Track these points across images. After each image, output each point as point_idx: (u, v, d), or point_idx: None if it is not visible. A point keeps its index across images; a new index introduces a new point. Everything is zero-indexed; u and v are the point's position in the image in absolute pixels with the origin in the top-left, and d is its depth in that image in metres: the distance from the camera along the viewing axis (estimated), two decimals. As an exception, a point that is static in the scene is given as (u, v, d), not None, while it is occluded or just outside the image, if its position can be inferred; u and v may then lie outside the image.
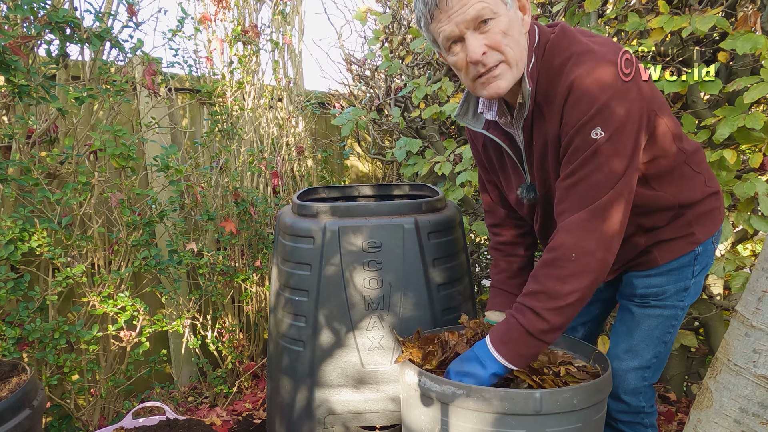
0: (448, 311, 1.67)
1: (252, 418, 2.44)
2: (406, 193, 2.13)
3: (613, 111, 1.07)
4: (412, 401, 1.28)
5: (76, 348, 1.95)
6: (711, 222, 1.34)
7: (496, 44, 1.09)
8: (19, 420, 1.33)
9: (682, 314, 1.37)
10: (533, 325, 1.14)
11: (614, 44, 1.15)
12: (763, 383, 1.00)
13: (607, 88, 1.07)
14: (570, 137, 1.12)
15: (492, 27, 1.08)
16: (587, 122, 1.08)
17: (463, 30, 1.09)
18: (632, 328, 1.38)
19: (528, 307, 1.15)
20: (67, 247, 1.93)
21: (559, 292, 1.12)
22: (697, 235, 1.31)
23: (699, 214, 1.31)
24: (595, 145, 1.08)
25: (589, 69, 1.08)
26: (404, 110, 3.16)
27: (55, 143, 2.03)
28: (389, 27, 3.13)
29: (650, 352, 1.37)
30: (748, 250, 2.59)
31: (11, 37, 1.62)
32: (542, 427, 1.13)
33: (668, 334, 1.37)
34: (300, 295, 1.65)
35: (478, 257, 2.99)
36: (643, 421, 1.44)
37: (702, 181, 1.31)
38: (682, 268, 1.33)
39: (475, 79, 1.15)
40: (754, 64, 1.95)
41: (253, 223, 2.69)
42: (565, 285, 1.11)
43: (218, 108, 2.58)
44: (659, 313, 1.35)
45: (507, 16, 1.09)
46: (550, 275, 1.13)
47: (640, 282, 1.36)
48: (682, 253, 1.31)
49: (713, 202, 1.34)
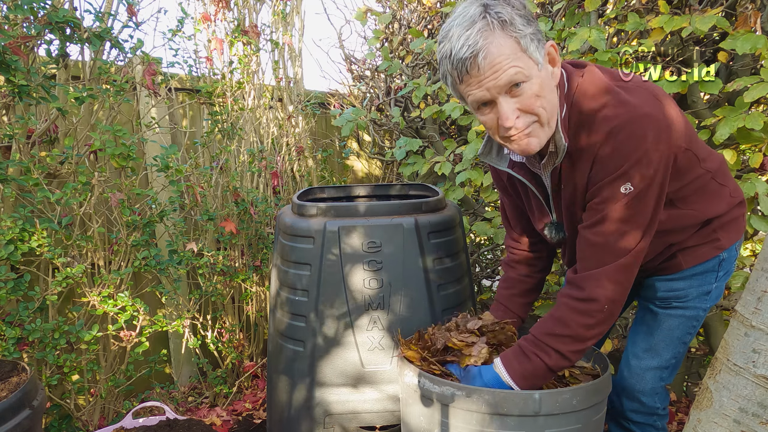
0: (448, 311, 1.67)
1: (252, 418, 2.44)
2: (406, 193, 2.13)
3: (643, 168, 1.06)
4: (411, 402, 1.28)
5: (76, 348, 1.95)
6: (735, 228, 1.34)
7: (529, 108, 1.06)
8: (19, 420, 1.33)
9: (703, 315, 1.37)
10: (558, 364, 1.19)
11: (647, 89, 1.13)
12: (763, 383, 1.00)
13: (639, 143, 1.05)
14: (599, 188, 1.12)
15: (525, 90, 1.05)
16: (618, 177, 1.08)
17: (495, 95, 1.05)
18: (653, 327, 1.38)
19: (554, 349, 1.18)
20: (67, 247, 1.93)
21: (585, 337, 1.18)
22: (722, 241, 1.31)
23: (725, 222, 1.31)
24: (624, 200, 1.09)
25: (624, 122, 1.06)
26: (404, 110, 3.16)
27: (55, 143, 2.03)
28: (389, 27, 3.13)
29: (670, 352, 1.37)
30: (748, 250, 2.58)
31: (11, 37, 1.62)
32: (541, 428, 1.14)
33: (688, 335, 1.37)
34: (300, 294, 1.65)
35: (478, 257, 2.99)
36: (655, 423, 1.44)
37: (727, 193, 1.31)
38: (706, 273, 1.33)
39: (506, 138, 1.12)
40: (754, 64, 1.95)
41: (253, 223, 2.69)
42: (592, 330, 1.17)
43: (218, 108, 2.58)
44: (681, 313, 1.35)
45: (539, 77, 1.06)
46: (581, 323, 1.17)
47: (662, 285, 1.36)
48: (707, 258, 1.31)
49: (738, 210, 1.34)
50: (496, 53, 1.01)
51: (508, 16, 1.01)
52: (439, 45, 1.08)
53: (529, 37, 1.03)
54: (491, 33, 1.01)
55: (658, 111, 1.08)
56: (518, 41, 1.02)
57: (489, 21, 1.01)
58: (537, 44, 1.05)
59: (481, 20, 1.01)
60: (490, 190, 2.52)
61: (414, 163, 2.70)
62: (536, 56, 1.05)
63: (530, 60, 1.04)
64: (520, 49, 1.02)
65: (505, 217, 1.53)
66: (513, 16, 1.02)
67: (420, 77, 2.67)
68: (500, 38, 1.01)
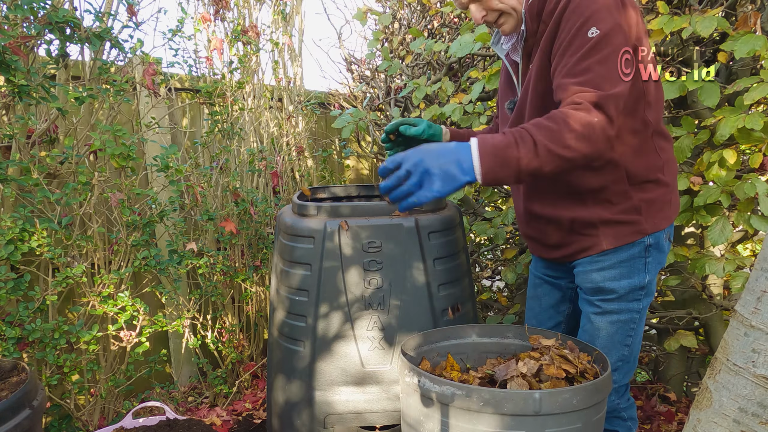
0: (448, 311, 1.67)
1: (252, 418, 2.44)
2: (406, 193, 2.13)
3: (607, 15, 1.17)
4: (411, 401, 1.28)
5: (76, 348, 1.95)
6: (660, 214, 1.36)
7: (491, 6, 1.33)
8: (19, 420, 1.33)
9: (640, 317, 1.41)
10: (526, 157, 1.10)
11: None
12: (763, 383, 1.00)
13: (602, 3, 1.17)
14: (568, 40, 1.20)
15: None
16: (583, 24, 1.18)
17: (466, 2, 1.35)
18: (593, 335, 1.43)
19: (530, 134, 1.11)
20: (67, 247, 1.93)
21: (565, 141, 1.10)
22: (644, 225, 1.34)
23: (647, 199, 1.33)
24: (592, 42, 1.17)
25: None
26: (404, 110, 3.16)
27: (55, 143, 2.03)
28: (389, 27, 3.14)
29: (614, 356, 1.42)
30: (748, 250, 2.58)
31: (11, 37, 1.62)
32: (542, 428, 1.13)
33: (629, 337, 1.41)
34: (300, 294, 1.65)
35: (478, 257, 2.99)
36: (620, 414, 1.51)
37: (659, 166, 1.34)
38: (633, 260, 1.36)
39: (489, 26, 1.43)
40: (754, 65, 1.95)
41: (253, 223, 2.69)
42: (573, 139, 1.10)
43: (218, 108, 2.58)
44: (617, 318, 1.39)
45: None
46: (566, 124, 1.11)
47: (594, 276, 1.39)
48: (628, 242, 1.34)
49: (665, 193, 1.36)
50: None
51: None
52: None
53: None
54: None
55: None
56: None
57: None
58: None
59: None
60: (491, 189, 2.52)
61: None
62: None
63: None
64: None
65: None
66: None
67: (420, 77, 2.67)
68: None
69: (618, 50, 1.17)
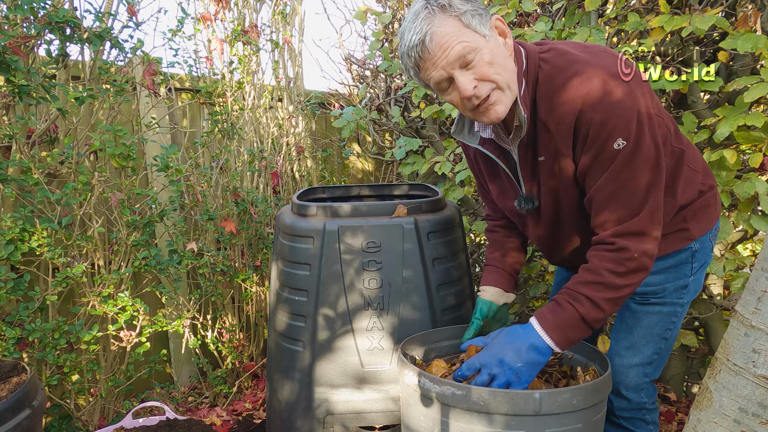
0: (448, 311, 1.67)
1: (252, 418, 2.44)
2: (406, 193, 2.13)
3: (628, 121, 1.10)
4: (411, 402, 1.28)
5: (76, 348, 1.95)
6: (706, 218, 1.34)
7: (484, 76, 1.13)
8: (19, 420, 1.33)
9: (683, 311, 1.38)
10: (590, 314, 1.18)
11: (609, 51, 1.19)
12: (763, 383, 1.00)
13: (615, 102, 1.10)
14: (593, 153, 1.15)
15: (476, 61, 1.12)
16: (607, 139, 1.12)
17: (450, 72, 1.13)
18: (632, 325, 1.39)
19: (586, 296, 1.18)
20: (67, 247, 1.93)
21: (617, 285, 1.17)
22: (692, 231, 1.32)
23: (695, 210, 1.32)
24: (621, 156, 1.12)
25: (595, 86, 1.11)
26: (404, 110, 3.16)
27: (55, 143, 2.03)
28: (389, 27, 3.13)
29: (651, 349, 1.38)
30: (748, 250, 2.58)
31: (11, 37, 1.62)
32: (542, 428, 1.13)
33: (668, 330, 1.38)
34: (300, 295, 1.65)
35: (478, 257, 2.99)
36: (644, 417, 1.45)
37: (699, 179, 1.32)
38: (680, 265, 1.34)
39: (473, 110, 1.18)
40: (754, 65, 1.95)
41: (253, 223, 2.69)
42: (623, 279, 1.17)
43: (218, 108, 2.58)
44: (659, 309, 1.36)
45: (488, 47, 1.13)
46: (610, 269, 1.17)
47: None
48: (676, 249, 1.32)
49: (709, 198, 1.35)
50: (441, 34, 1.10)
51: (446, 0, 1.11)
52: (399, 47, 1.18)
53: (469, 14, 1.11)
54: (433, 17, 1.10)
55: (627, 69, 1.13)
56: (459, 19, 1.11)
57: (429, 9, 1.11)
58: (480, 18, 1.13)
59: (423, 11, 1.11)
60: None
61: (414, 163, 2.70)
62: (481, 29, 1.12)
63: (475, 33, 1.12)
64: (462, 25, 1.11)
65: (481, 189, 1.59)
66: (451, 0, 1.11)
67: (420, 77, 2.67)
68: (442, 20, 1.10)
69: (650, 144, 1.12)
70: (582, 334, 1.21)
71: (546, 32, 2.09)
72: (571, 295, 1.21)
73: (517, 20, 2.66)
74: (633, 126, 1.10)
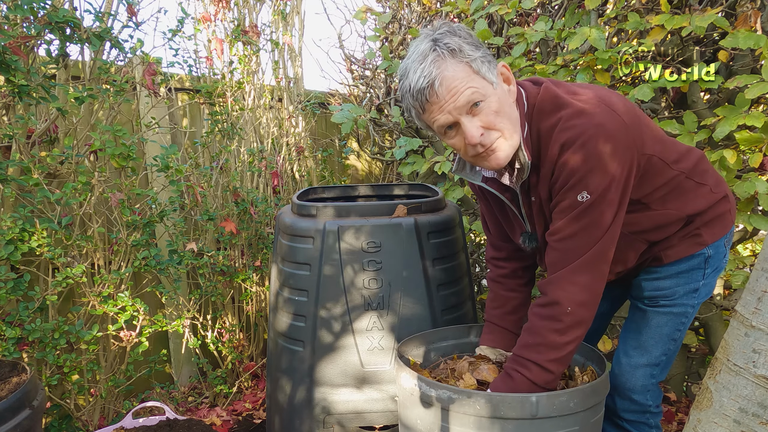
0: (447, 311, 1.67)
1: (252, 418, 2.44)
2: (406, 193, 2.13)
3: (598, 176, 1.11)
4: (409, 405, 1.28)
5: (76, 348, 1.95)
6: (720, 224, 1.33)
7: (490, 125, 1.13)
8: (19, 420, 1.33)
9: (693, 312, 1.37)
10: (540, 378, 1.19)
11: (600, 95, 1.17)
12: (763, 383, 1.00)
13: (592, 153, 1.10)
14: (559, 197, 1.18)
15: (483, 108, 1.12)
16: (574, 186, 1.13)
17: (456, 116, 1.13)
18: (641, 325, 1.39)
19: (531, 360, 1.20)
20: (67, 247, 1.93)
21: (559, 343, 1.18)
22: (704, 237, 1.31)
23: (707, 219, 1.31)
24: (581, 207, 1.14)
25: (576, 134, 1.11)
26: (404, 110, 3.15)
27: (55, 143, 2.03)
28: (389, 27, 3.13)
29: (659, 349, 1.37)
30: (748, 250, 2.58)
31: (11, 37, 1.62)
32: (539, 431, 1.13)
33: (678, 331, 1.37)
34: (300, 294, 1.65)
35: (478, 257, 2.99)
36: (648, 420, 1.44)
37: (707, 190, 1.31)
38: (692, 271, 1.33)
39: (475, 156, 1.19)
40: (754, 64, 1.95)
41: (253, 223, 2.69)
42: (563, 336, 1.18)
43: (218, 108, 2.58)
44: (669, 310, 1.36)
45: (495, 94, 1.13)
46: (548, 328, 1.18)
47: (648, 285, 1.37)
48: (688, 254, 1.32)
49: (722, 206, 1.34)
50: (451, 78, 1.09)
51: (456, 45, 1.10)
52: (400, 83, 1.17)
53: (479, 60, 1.11)
54: (443, 61, 1.10)
55: (611, 121, 1.12)
56: (470, 65, 1.11)
57: (439, 52, 1.10)
58: (488, 65, 1.13)
59: (432, 53, 1.10)
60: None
61: (413, 163, 2.70)
62: (489, 76, 1.12)
63: (484, 80, 1.12)
64: (472, 71, 1.11)
65: (486, 226, 1.55)
66: (461, 44, 1.11)
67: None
68: (452, 65, 1.10)
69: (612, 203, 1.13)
70: None
71: (546, 31, 2.09)
72: (518, 361, 1.22)
73: (517, 20, 2.66)
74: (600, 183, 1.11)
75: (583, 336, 1.20)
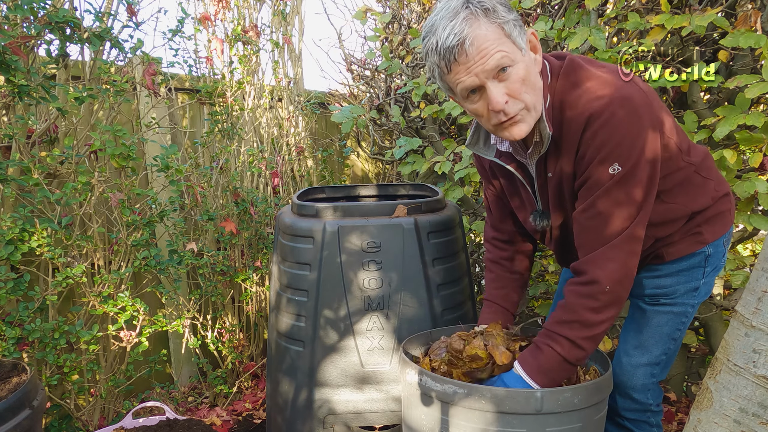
0: (448, 311, 1.67)
1: (252, 418, 2.44)
2: (406, 193, 2.13)
3: (630, 147, 1.08)
4: (413, 400, 1.28)
5: (76, 348, 1.95)
6: (720, 223, 1.34)
7: (516, 93, 1.09)
8: (19, 420, 1.33)
9: (693, 311, 1.38)
10: (571, 354, 1.18)
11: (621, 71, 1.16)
12: (763, 383, 1.00)
13: (622, 124, 1.07)
14: (588, 172, 1.14)
15: (511, 74, 1.08)
16: (605, 159, 1.10)
17: (483, 80, 1.08)
18: (642, 324, 1.39)
19: (564, 336, 1.18)
20: (67, 247, 1.93)
21: (593, 321, 1.16)
22: (705, 235, 1.31)
23: (709, 217, 1.32)
24: (612, 181, 1.11)
25: (604, 105, 1.09)
26: (404, 110, 3.16)
27: (55, 143, 2.03)
28: (389, 27, 3.13)
29: (659, 349, 1.38)
30: (748, 250, 2.59)
31: (11, 37, 1.62)
32: (543, 427, 1.13)
33: (678, 331, 1.37)
34: (300, 295, 1.65)
35: (478, 257, 2.99)
36: (649, 419, 1.44)
37: (712, 187, 1.31)
38: (692, 269, 1.33)
39: (497, 125, 1.15)
40: (754, 64, 1.95)
41: (253, 223, 2.69)
42: (599, 314, 1.16)
43: (218, 108, 2.58)
44: (669, 310, 1.36)
45: (523, 61, 1.09)
46: (585, 306, 1.16)
47: (649, 282, 1.37)
48: (689, 252, 1.32)
49: (723, 204, 1.34)
50: (483, 38, 1.04)
51: (490, 4, 1.06)
52: (424, 40, 1.12)
53: (512, 23, 1.07)
54: (476, 20, 1.05)
55: (638, 94, 1.10)
56: (502, 27, 1.06)
57: (472, 10, 1.05)
58: (519, 30, 1.09)
59: (464, 10, 1.05)
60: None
61: (413, 162, 2.70)
62: (519, 42, 1.08)
63: (514, 45, 1.08)
64: (504, 34, 1.06)
65: (488, 206, 1.54)
66: (495, 4, 1.06)
67: (420, 77, 2.67)
68: (485, 25, 1.05)
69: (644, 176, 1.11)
70: (568, 373, 1.22)
71: (546, 31, 2.09)
72: (550, 336, 1.20)
73: (517, 20, 2.65)
74: (632, 155, 1.09)
75: (617, 315, 1.18)
